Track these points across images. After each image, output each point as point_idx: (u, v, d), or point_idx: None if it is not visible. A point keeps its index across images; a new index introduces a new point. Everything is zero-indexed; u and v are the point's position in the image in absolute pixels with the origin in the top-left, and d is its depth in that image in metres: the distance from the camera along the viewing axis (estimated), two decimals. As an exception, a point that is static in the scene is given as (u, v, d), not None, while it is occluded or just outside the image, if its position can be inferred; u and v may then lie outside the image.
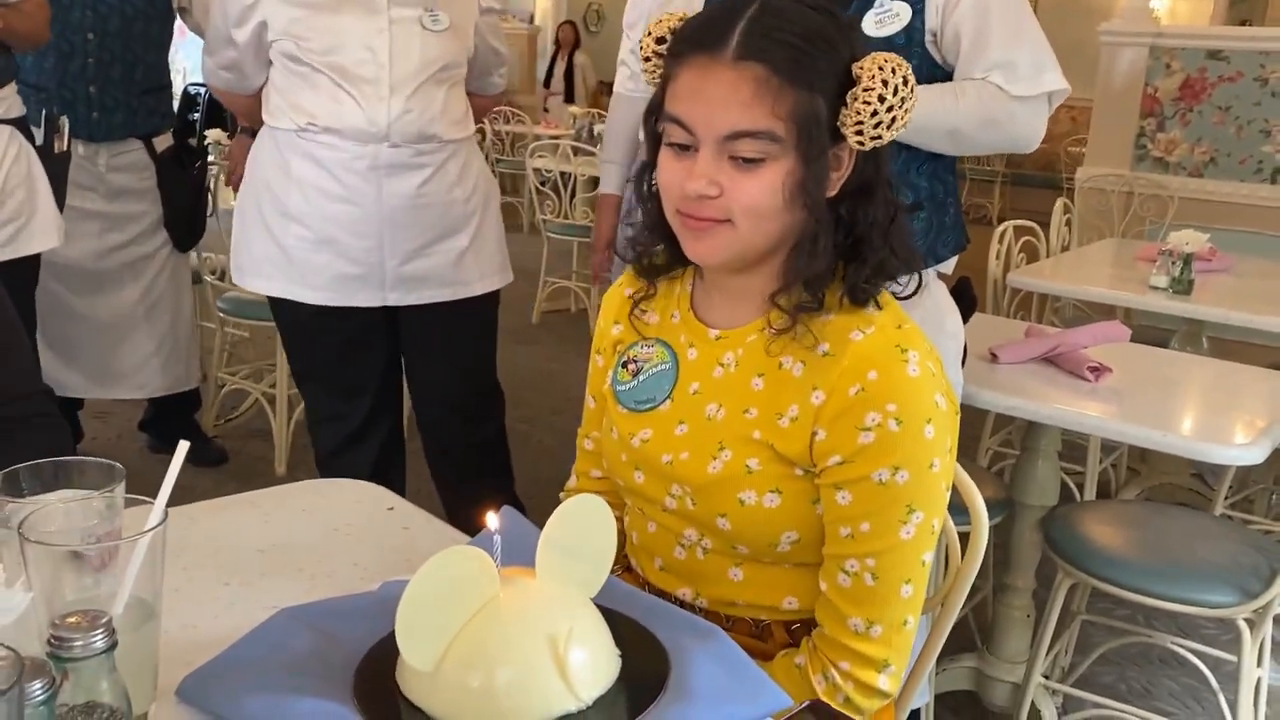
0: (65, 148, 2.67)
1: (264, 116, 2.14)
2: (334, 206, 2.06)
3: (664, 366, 1.12)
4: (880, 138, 0.98)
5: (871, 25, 1.62)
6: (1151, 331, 3.27)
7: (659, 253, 1.14)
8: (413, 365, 2.30)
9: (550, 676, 0.81)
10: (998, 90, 1.61)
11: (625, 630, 0.89)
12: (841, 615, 1.03)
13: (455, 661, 0.81)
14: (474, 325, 2.26)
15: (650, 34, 1.06)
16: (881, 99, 0.96)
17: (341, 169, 2.04)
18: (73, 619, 0.75)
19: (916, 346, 1.01)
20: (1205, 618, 1.97)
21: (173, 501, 0.84)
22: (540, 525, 0.86)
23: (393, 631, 0.87)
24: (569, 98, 9.97)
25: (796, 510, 1.04)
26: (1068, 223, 3.87)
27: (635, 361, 1.14)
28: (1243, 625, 1.80)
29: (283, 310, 2.19)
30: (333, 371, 2.24)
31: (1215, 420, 1.89)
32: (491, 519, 0.85)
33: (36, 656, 0.70)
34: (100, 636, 0.73)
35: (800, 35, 0.97)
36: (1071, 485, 2.91)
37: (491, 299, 2.27)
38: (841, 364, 1.00)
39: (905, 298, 1.09)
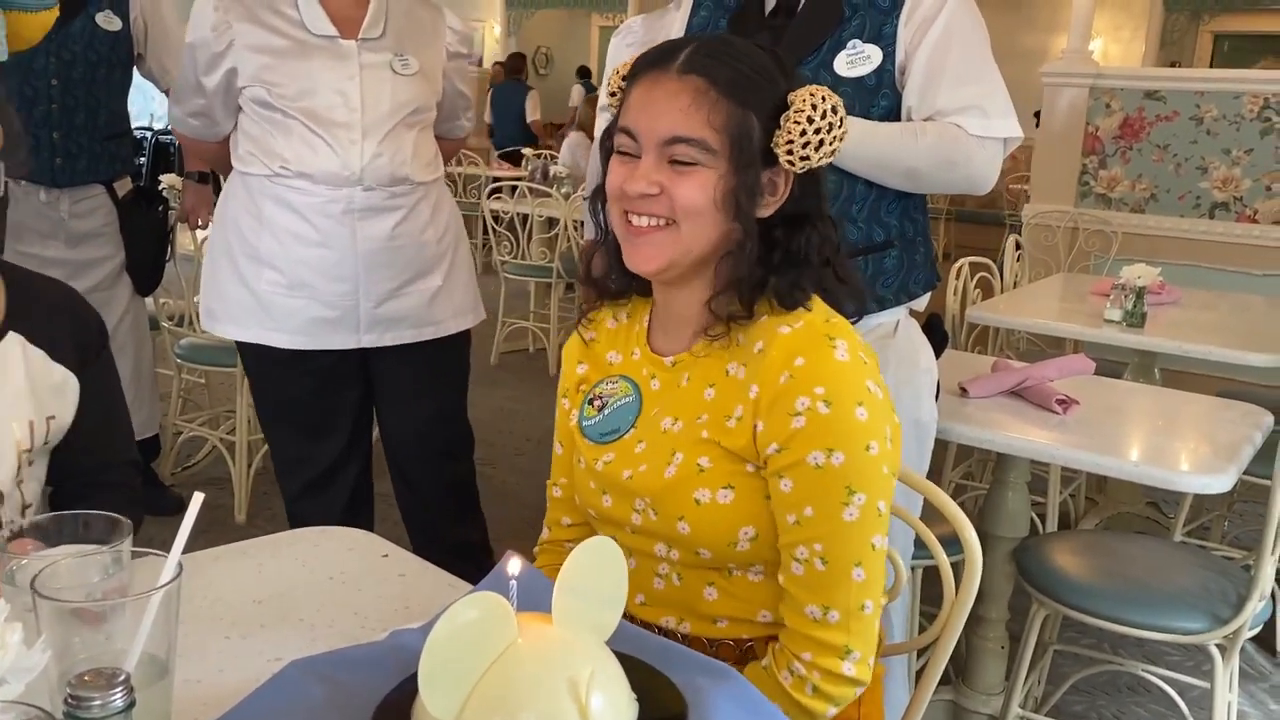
0: (3, 193, 2.62)
1: (233, 162, 2.13)
2: (308, 250, 2.05)
3: (627, 400, 1.16)
4: (809, 159, 1.06)
5: (844, 66, 1.65)
6: (1104, 364, 3.35)
7: (613, 279, 1.19)
8: (385, 406, 2.28)
9: (572, 722, 0.80)
10: (958, 131, 1.64)
11: (639, 673, 0.89)
12: (799, 604, 1.06)
13: (477, 709, 0.80)
14: (446, 364, 2.26)
15: (618, 72, 1.14)
16: (810, 120, 1.04)
17: (315, 213, 2.03)
18: (87, 677, 0.73)
19: (845, 336, 1.06)
20: (1178, 644, 2.01)
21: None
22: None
23: (405, 680, 0.86)
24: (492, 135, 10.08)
25: (750, 506, 1.07)
26: (1019, 258, 3.96)
27: (600, 398, 1.19)
28: (1215, 651, 1.83)
29: (252, 355, 2.17)
30: (302, 415, 2.22)
31: (1183, 450, 1.94)
32: (514, 564, 0.85)
33: (58, 717, 0.68)
34: (119, 695, 0.72)
35: (743, 62, 1.06)
36: (1034, 516, 2.95)
37: (463, 338, 2.28)
38: (770, 355, 1.06)
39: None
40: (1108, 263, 4.59)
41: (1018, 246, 3.96)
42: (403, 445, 2.30)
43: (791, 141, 1.05)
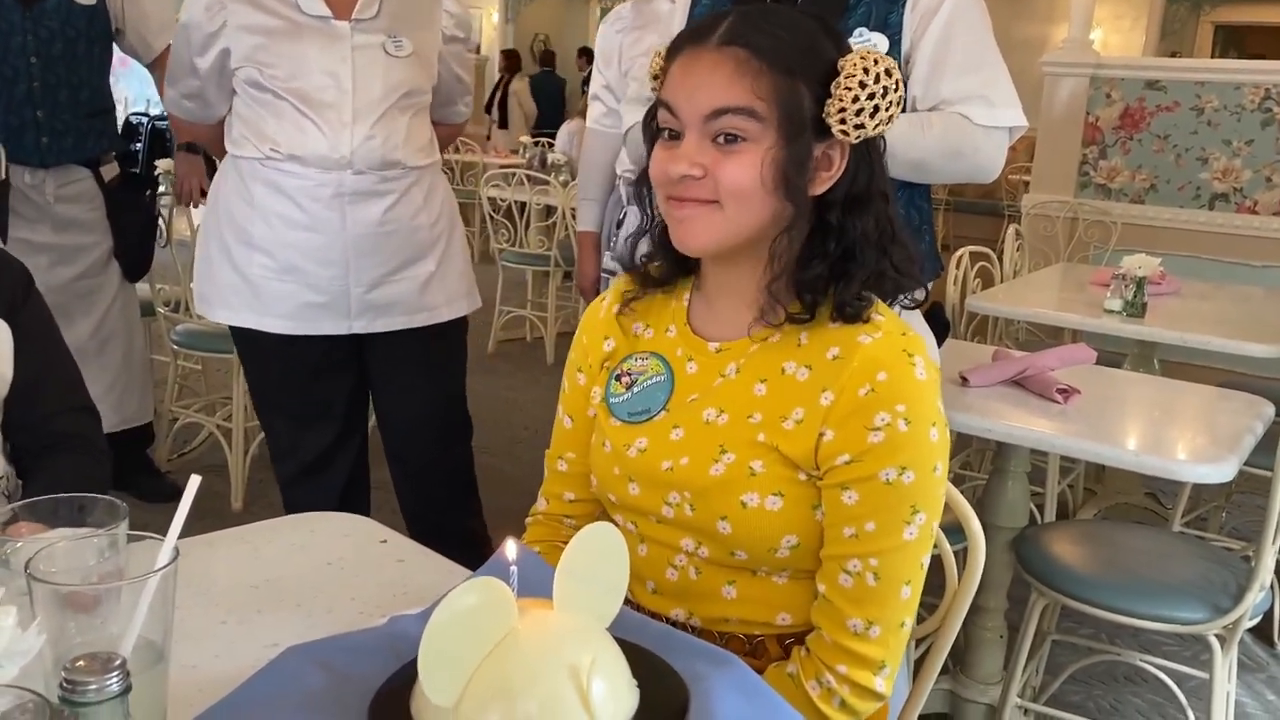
0: (4, 176, 2.61)
1: (227, 145, 2.11)
2: (298, 234, 2.03)
3: (659, 378, 1.13)
4: (864, 127, 1.01)
5: None
6: (1103, 354, 3.34)
7: (656, 266, 1.16)
8: (380, 392, 2.27)
9: (574, 709, 0.79)
10: (963, 121, 1.63)
11: (641, 660, 0.88)
12: (841, 616, 1.04)
13: (477, 696, 0.79)
14: (441, 351, 2.24)
15: (659, 54, 1.10)
16: (863, 85, 1.00)
17: (305, 197, 2.01)
18: (82, 662, 0.72)
19: (921, 353, 1.04)
20: (1175, 635, 2.01)
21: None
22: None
23: (404, 666, 0.85)
24: (503, 123, 10.18)
25: (798, 514, 1.05)
26: (1019, 248, 3.95)
27: (629, 374, 1.15)
28: (1214, 641, 1.83)
29: (245, 340, 2.16)
30: (296, 401, 2.20)
31: (1185, 439, 1.93)
32: (513, 549, 0.84)
33: (54, 702, 0.67)
34: (115, 680, 0.70)
35: (785, 29, 1.02)
36: (1032, 506, 2.95)
37: (459, 324, 2.26)
38: (850, 365, 1.02)
39: (913, 307, 1.14)
40: (1107, 253, 4.58)
41: (1018, 236, 3.95)
42: (399, 433, 2.29)
43: (844, 110, 1.00)
